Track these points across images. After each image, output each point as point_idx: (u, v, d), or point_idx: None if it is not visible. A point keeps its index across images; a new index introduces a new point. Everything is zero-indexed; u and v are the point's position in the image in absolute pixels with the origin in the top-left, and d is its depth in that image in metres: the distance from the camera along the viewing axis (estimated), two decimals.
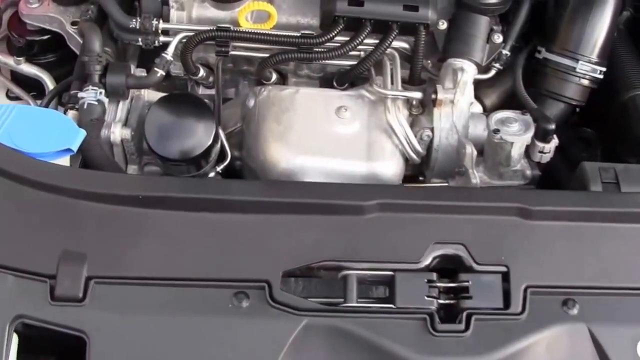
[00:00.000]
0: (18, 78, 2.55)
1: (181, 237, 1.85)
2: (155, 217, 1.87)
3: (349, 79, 2.30)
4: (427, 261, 1.83)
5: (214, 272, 1.80)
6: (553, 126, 2.12)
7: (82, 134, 2.02)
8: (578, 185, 2.03)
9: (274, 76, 2.33)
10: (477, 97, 2.36)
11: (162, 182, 2.00)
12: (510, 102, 2.39)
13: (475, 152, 2.13)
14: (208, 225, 1.86)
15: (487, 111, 2.37)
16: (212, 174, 2.23)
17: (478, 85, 2.36)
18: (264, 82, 2.34)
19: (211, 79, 2.38)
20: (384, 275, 1.82)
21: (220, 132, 2.25)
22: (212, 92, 2.40)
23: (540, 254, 1.87)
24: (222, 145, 2.24)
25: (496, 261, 1.84)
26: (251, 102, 2.23)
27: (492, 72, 2.36)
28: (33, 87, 2.55)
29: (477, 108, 2.34)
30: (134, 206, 1.87)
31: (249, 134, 2.21)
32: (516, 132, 2.13)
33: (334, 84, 2.34)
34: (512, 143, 2.11)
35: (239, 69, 2.38)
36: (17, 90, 2.54)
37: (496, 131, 2.10)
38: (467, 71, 2.24)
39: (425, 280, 1.80)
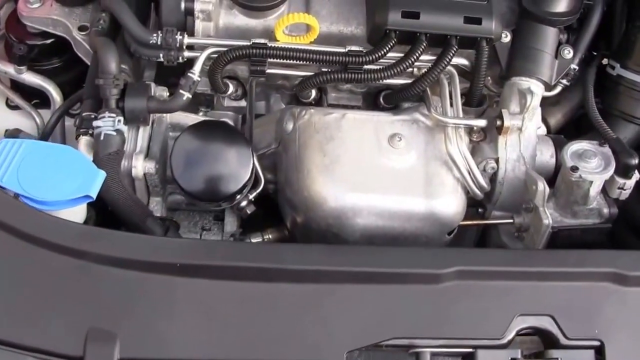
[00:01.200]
0: (18, 84, 2.14)
1: (225, 312, 1.54)
2: (195, 288, 1.54)
3: (400, 100, 1.93)
4: (510, 335, 1.54)
5: (264, 353, 1.50)
6: (636, 161, 1.79)
7: (102, 176, 1.66)
8: None
9: (314, 93, 1.95)
10: (541, 116, 2.00)
11: (203, 247, 1.64)
12: (576, 120, 2.01)
13: (547, 189, 1.80)
14: (257, 296, 1.55)
15: (552, 132, 2.03)
16: (244, 203, 1.89)
17: (542, 103, 2.01)
18: (302, 99, 1.95)
19: (239, 91, 1.98)
20: (462, 352, 1.52)
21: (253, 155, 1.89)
22: (239, 103, 2.04)
23: (638, 325, 1.54)
24: (255, 170, 1.88)
25: (589, 335, 1.56)
26: (289, 126, 1.86)
27: (558, 89, 2.01)
28: (34, 95, 2.14)
29: (542, 129, 1.99)
30: (170, 274, 1.53)
31: (288, 163, 1.85)
32: (595, 168, 1.80)
33: (381, 102, 1.96)
34: (591, 182, 1.76)
35: (273, 84, 1.98)
36: (18, 100, 2.14)
37: (574, 169, 1.76)
38: (536, 93, 1.88)
39: (510, 359, 1.51)
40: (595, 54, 2.10)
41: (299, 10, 1.97)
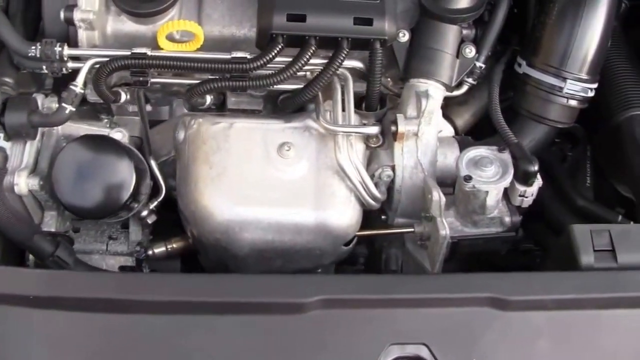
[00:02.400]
0: None
1: (80, 344, 1.38)
2: (50, 320, 1.40)
3: (294, 105, 1.74)
4: None
5: None
6: (536, 167, 1.60)
7: None
8: (565, 253, 1.50)
9: (209, 99, 1.77)
10: (447, 116, 1.82)
11: (58, 278, 1.48)
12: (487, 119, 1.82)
13: (443, 199, 1.61)
14: (109, 329, 1.39)
15: (460, 133, 1.83)
16: (145, 212, 1.76)
17: (448, 103, 1.81)
18: (197, 107, 1.78)
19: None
20: None
21: (153, 162, 1.76)
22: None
23: (519, 352, 1.37)
24: (156, 178, 1.73)
25: None
26: (181, 136, 1.71)
27: (464, 89, 1.81)
28: None
29: (448, 130, 1.79)
30: (24, 306, 1.40)
31: (180, 174, 1.69)
32: (492, 177, 1.61)
33: (280, 105, 1.78)
34: (487, 191, 1.57)
35: (169, 90, 1.80)
36: None
37: (468, 178, 1.57)
38: (433, 96, 1.69)
39: None
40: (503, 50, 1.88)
41: (191, 14, 1.80)
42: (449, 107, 1.85)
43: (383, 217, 1.78)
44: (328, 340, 1.39)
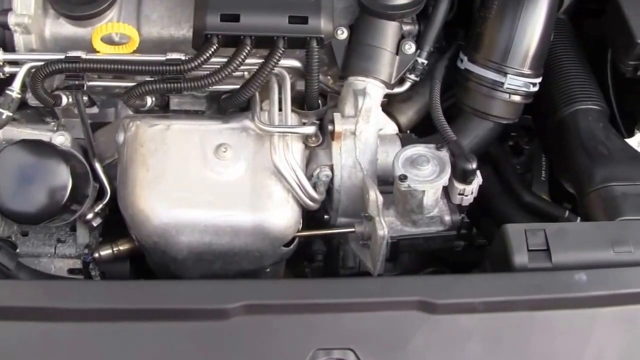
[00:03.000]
0: None
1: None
2: None
3: (234, 106, 1.68)
4: None
5: None
6: (474, 165, 1.53)
7: None
8: (500, 253, 1.43)
9: (149, 100, 1.71)
10: (390, 113, 1.75)
11: None
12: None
13: (381, 199, 1.55)
14: (25, 337, 1.34)
15: (404, 130, 1.77)
16: (90, 215, 1.71)
17: (391, 100, 1.75)
18: (138, 109, 1.72)
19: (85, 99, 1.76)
20: None
21: (97, 165, 1.70)
22: (90, 110, 1.80)
23: (448, 356, 1.32)
24: (101, 181, 1.69)
25: None
26: (120, 138, 1.65)
27: (407, 85, 1.75)
28: None
29: (391, 128, 1.73)
30: None
31: (119, 177, 1.63)
32: (428, 176, 1.54)
33: (220, 105, 1.72)
34: (423, 191, 1.50)
35: (112, 92, 1.74)
36: None
37: (403, 178, 1.51)
38: (371, 94, 1.63)
39: None
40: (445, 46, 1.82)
41: (130, 15, 1.74)
42: (392, 104, 1.79)
43: (326, 217, 1.72)
44: (252, 347, 1.34)
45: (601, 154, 1.65)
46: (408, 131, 1.81)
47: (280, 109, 1.64)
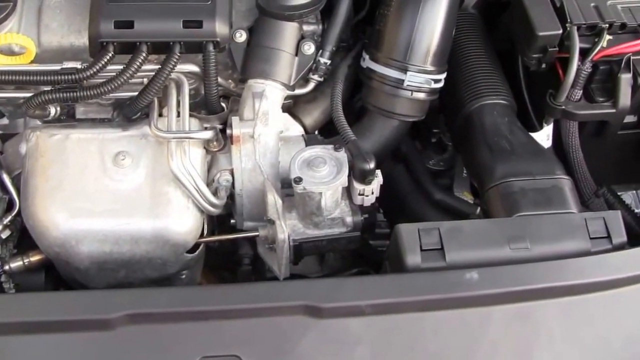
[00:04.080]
0: None
1: None
2: None
3: (134, 112, 1.66)
4: None
5: None
6: (372, 165, 1.52)
7: None
8: (395, 253, 1.42)
9: (53, 110, 1.69)
10: (295, 115, 1.74)
11: None
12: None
13: (279, 202, 1.54)
14: None
15: (311, 131, 1.75)
16: None
17: (297, 101, 1.74)
18: (42, 120, 1.71)
19: None
20: None
21: (5, 176, 1.68)
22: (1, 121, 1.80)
23: (335, 358, 1.29)
24: (9, 193, 1.68)
25: None
26: (22, 149, 1.63)
27: (311, 86, 1.73)
28: None
29: (296, 129, 1.72)
30: None
31: (22, 190, 1.62)
32: (325, 177, 1.52)
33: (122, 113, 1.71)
34: (320, 193, 1.49)
35: (17, 103, 1.73)
36: None
37: (298, 180, 1.49)
38: (269, 97, 1.62)
39: None
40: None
41: (30, 25, 1.71)
42: (297, 106, 1.78)
43: (232, 221, 1.70)
44: (136, 357, 1.32)
45: (503, 149, 1.63)
46: (316, 132, 1.79)
47: (179, 115, 1.62)
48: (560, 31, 1.68)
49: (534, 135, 1.76)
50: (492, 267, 1.40)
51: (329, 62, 1.73)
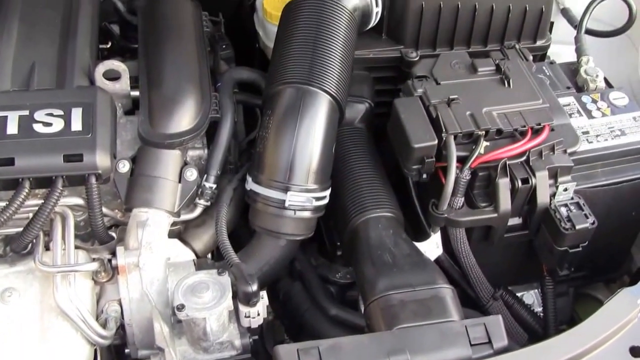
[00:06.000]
0: None
1: None
2: None
3: (22, 248, 1.69)
4: None
5: None
6: (254, 287, 1.56)
7: None
8: None
9: None
10: (185, 240, 1.78)
11: None
12: None
13: (167, 330, 1.57)
14: None
15: (202, 255, 1.79)
16: None
17: (186, 226, 1.78)
18: None
19: None
20: None
21: None
22: None
23: None
24: None
25: None
26: None
27: (198, 211, 1.78)
28: None
29: (187, 255, 1.75)
30: None
31: None
32: (208, 302, 1.55)
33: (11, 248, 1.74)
34: (204, 318, 1.52)
35: None
36: None
37: (180, 308, 1.53)
38: (153, 225, 1.66)
39: None
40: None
41: None
42: (186, 231, 1.82)
43: (126, 350, 1.72)
44: None
45: (386, 262, 1.67)
46: (208, 256, 1.83)
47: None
48: (436, 142, 1.75)
49: (423, 244, 1.81)
50: None
51: (214, 186, 1.78)
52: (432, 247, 1.82)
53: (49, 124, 1.66)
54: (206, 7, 2.21)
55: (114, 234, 1.77)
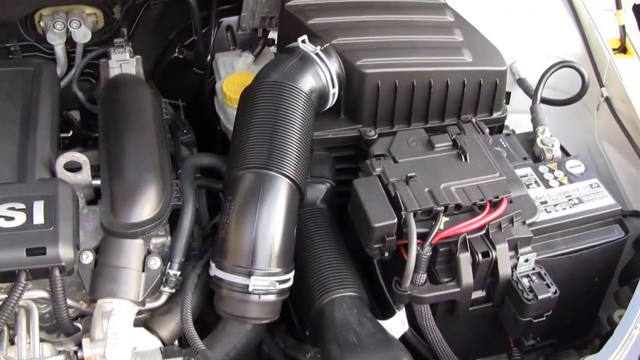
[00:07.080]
0: None
1: None
2: None
3: None
4: None
5: None
6: None
7: None
8: None
9: None
10: (151, 329, 1.80)
11: None
12: None
13: None
14: None
15: (169, 342, 1.82)
16: None
17: (152, 314, 1.81)
18: None
19: None
20: None
21: None
22: None
23: None
24: None
25: None
26: None
27: (163, 298, 1.81)
28: None
29: (153, 343, 1.77)
30: None
31: None
32: None
33: None
34: None
35: None
36: None
37: None
38: (118, 315, 1.69)
39: None
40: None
41: None
42: (152, 319, 1.84)
43: None
44: None
45: (350, 342, 1.70)
46: (175, 342, 1.85)
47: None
48: (395, 220, 1.79)
49: (388, 321, 1.84)
50: None
51: (178, 273, 1.81)
52: (397, 324, 1.85)
53: (10, 218, 1.69)
54: (166, 94, 2.26)
55: (79, 325, 1.78)
